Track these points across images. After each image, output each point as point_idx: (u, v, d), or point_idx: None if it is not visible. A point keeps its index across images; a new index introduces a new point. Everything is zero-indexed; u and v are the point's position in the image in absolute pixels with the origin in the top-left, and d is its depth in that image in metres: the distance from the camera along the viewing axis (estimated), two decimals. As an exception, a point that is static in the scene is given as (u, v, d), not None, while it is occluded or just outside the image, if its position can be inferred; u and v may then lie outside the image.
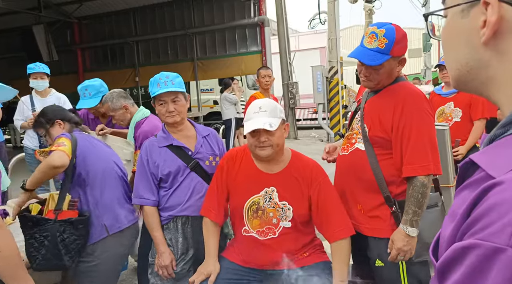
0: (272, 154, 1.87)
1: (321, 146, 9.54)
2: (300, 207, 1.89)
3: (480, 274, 0.45)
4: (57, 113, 2.31)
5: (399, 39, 1.76)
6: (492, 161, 0.51)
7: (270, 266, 1.93)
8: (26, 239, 1.99)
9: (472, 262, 0.45)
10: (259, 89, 4.56)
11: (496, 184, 0.47)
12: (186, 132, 2.21)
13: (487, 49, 0.56)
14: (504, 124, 0.54)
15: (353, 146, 1.90)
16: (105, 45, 12.21)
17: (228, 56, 10.83)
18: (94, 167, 2.16)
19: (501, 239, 0.44)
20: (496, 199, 0.46)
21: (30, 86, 4.11)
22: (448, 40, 0.62)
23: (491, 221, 0.45)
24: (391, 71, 1.81)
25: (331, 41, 9.79)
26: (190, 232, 2.15)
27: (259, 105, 1.86)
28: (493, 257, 0.44)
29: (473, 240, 0.46)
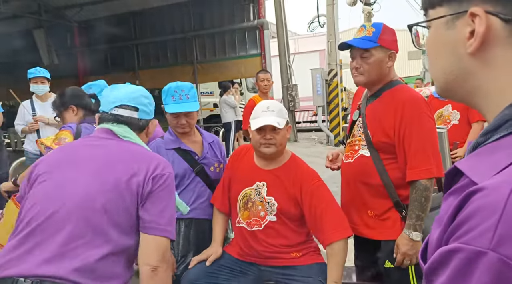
0: (276, 152, 1.96)
1: (320, 148, 9.55)
2: (285, 205, 1.95)
3: (464, 276, 0.46)
4: (74, 98, 2.29)
5: (386, 30, 1.83)
6: (475, 168, 0.53)
7: (260, 259, 1.98)
8: None
9: (456, 265, 0.47)
10: (258, 93, 4.58)
11: (478, 190, 0.48)
12: (193, 137, 2.26)
13: (473, 59, 0.57)
14: (485, 132, 0.56)
15: (358, 153, 1.92)
16: (105, 49, 12.25)
17: (227, 59, 10.85)
18: None
19: (483, 243, 0.45)
20: (478, 204, 0.47)
21: (31, 90, 4.13)
22: (433, 50, 0.63)
23: (473, 226, 0.47)
24: (380, 63, 1.82)
25: (331, 43, 9.83)
26: (192, 235, 2.17)
27: (267, 105, 1.97)
28: (475, 260, 0.45)
29: (457, 244, 0.48)
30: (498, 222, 0.45)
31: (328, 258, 1.88)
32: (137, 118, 1.48)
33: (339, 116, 9.95)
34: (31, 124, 4.06)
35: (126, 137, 1.44)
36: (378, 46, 1.80)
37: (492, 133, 0.55)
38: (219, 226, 2.14)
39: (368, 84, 1.90)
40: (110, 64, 12.41)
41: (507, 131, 0.53)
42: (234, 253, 2.07)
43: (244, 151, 2.14)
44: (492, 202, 0.46)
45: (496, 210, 0.46)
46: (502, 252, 0.44)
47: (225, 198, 2.13)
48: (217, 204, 2.15)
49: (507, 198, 0.45)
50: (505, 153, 0.51)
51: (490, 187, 0.48)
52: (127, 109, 1.47)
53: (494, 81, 0.57)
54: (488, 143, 0.55)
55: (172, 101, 2.12)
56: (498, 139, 0.54)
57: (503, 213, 0.45)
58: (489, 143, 0.55)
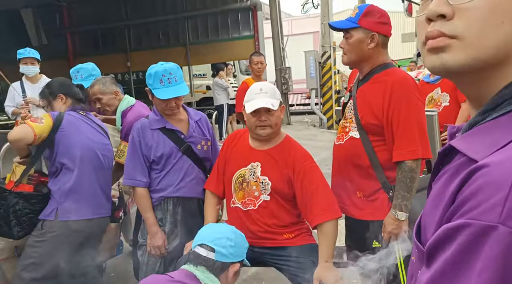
0: (271, 133, 1.98)
1: (313, 131, 9.59)
2: (279, 184, 1.98)
3: (472, 251, 0.47)
4: (62, 87, 2.32)
5: (370, 12, 1.84)
6: (473, 146, 0.52)
7: (254, 240, 2.01)
8: None
9: (463, 240, 0.47)
10: (251, 75, 4.56)
11: (482, 167, 0.48)
12: (179, 116, 2.24)
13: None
14: (483, 111, 0.55)
15: (348, 135, 1.95)
16: (95, 30, 12.02)
17: (220, 40, 10.74)
18: (73, 150, 2.17)
19: (492, 217, 0.45)
20: (484, 181, 0.47)
21: (20, 71, 4.06)
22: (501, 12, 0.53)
23: (480, 201, 0.47)
24: (360, 44, 1.85)
25: (324, 25, 9.74)
26: (180, 213, 2.19)
27: (260, 86, 1.99)
28: (484, 235, 0.46)
29: (463, 220, 0.47)
30: (507, 196, 0.45)
31: (319, 238, 1.92)
32: (213, 259, 1.52)
33: (332, 99, 9.95)
34: (22, 106, 4.01)
35: (205, 282, 1.48)
36: (358, 27, 1.83)
37: (490, 112, 0.54)
38: (211, 210, 2.14)
39: (351, 64, 1.97)
40: (101, 45, 12.21)
41: (506, 110, 0.52)
42: None
43: (239, 135, 2.15)
44: (499, 177, 0.46)
45: (503, 185, 0.46)
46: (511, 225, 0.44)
47: (220, 182, 2.13)
48: (212, 188, 2.15)
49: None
50: (504, 130, 0.51)
51: (494, 164, 0.48)
52: (205, 249, 1.54)
53: None
54: (486, 122, 0.54)
55: (161, 86, 2.09)
56: (496, 118, 0.53)
57: (511, 189, 0.45)
58: (487, 122, 0.54)
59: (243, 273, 2.99)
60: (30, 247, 2.14)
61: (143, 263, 2.24)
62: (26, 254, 2.15)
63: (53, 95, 2.30)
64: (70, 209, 2.14)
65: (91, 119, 2.37)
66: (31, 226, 2.12)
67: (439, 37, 0.55)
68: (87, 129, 2.30)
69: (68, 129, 2.17)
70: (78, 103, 2.33)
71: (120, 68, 11.96)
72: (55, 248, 2.12)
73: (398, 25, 20.67)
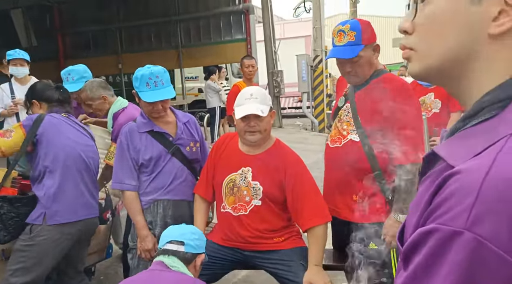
0: (260, 139, 1.98)
1: (305, 134, 9.63)
2: (270, 189, 1.98)
3: (440, 255, 0.49)
4: (36, 92, 2.31)
5: (365, 28, 1.88)
6: (453, 152, 0.54)
7: (244, 244, 2.02)
8: None
9: (433, 244, 0.49)
10: (243, 78, 4.57)
11: (455, 173, 0.50)
12: (166, 118, 2.24)
13: (492, 43, 0.55)
14: (464, 118, 0.57)
15: (346, 138, 1.95)
16: (86, 31, 11.93)
17: (212, 43, 10.74)
18: (55, 152, 2.15)
19: (459, 223, 0.47)
20: (455, 187, 0.49)
21: (10, 72, 4.02)
22: (440, 25, 0.58)
23: (450, 207, 0.49)
24: (370, 60, 1.90)
25: (316, 29, 9.81)
26: (170, 216, 2.18)
27: (250, 92, 1.97)
28: (451, 240, 0.48)
29: (434, 225, 0.50)
30: (474, 203, 0.47)
31: (309, 242, 1.93)
32: (183, 251, 1.72)
33: (324, 103, 10.00)
34: (11, 107, 3.97)
35: (174, 267, 1.67)
36: (364, 46, 1.86)
37: (471, 119, 0.56)
38: (201, 215, 2.13)
39: (363, 81, 1.96)
40: (93, 47, 12.11)
41: (485, 117, 0.54)
42: (217, 239, 2.09)
43: (229, 139, 2.15)
44: (468, 184, 0.48)
45: (471, 191, 0.47)
46: (476, 231, 0.46)
47: (209, 186, 2.12)
48: (201, 192, 2.14)
49: (483, 180, 0.47)
50: (483, 138, 0.52)
51: (466, 170, 0.49)
52: (175, 244, 1.73)
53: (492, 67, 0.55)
54: (467, 128, 0.56)
55: (147, 89, 2.09)
56: (476, 125, 0.54)
57: (478, 194, 0.47)
58: (468, 128, 0.56)
59: (233, 276, 2.99)
60: (19, 251, 2.11)
61: (133, 267, 2.23)
62: (14, 259, 2.12)
63: (29, 102, 2.32)
64: (57, 212, 2.12)
65: (73, 120, 2.36)
66: (18, 230, 2.10)
67: (404, 49, 0.63)
68: (69, 130, 2.27)
69: (49, 131, 2.16)
70: (56, 106, 2.30)
71: (112, 70, 11.87)
72: (44, 252, 2.10)
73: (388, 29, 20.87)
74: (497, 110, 0.53)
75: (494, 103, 0.54)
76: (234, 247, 2.05)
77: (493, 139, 0.50)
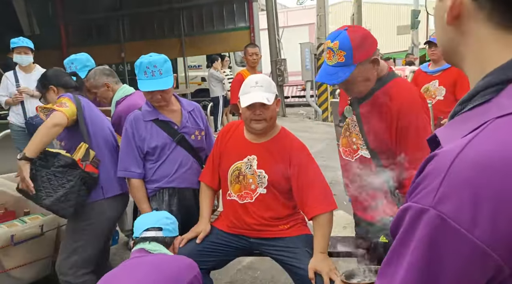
0: (266, 127, 1.97)
1: (309, 123, 9.61)
2: (275, 177, 1.98)
3: (412, 230, 0.54)
4: (53, 78, 2.31)
5: (357, 45, 1.62)
6: (447, 135, 0.58)
7: (250, 231, 2.03)
8: (45, 174, 2.01)
9: (407, 221, 0.55)
10: (246, 67, 4.54)
11: (435, 155, 0.55)
12: (171, 107, 2.24)
13: (453, 30, 0.63)
14: (461, 102, 0.61)
15: (357, 154, 1.89)
16: (89, 20, 11.87)
17: (215, 32, 10.67)
18: (98, 130, 2.23)
19: (426, 201, 0.52)
20: (431, 167, 0.54)
21: (14, 61, 4.02)
22: (434, 20, 0.69)
23: (424, 186, 0.54)
24: (365, 75, 1.69)
25: (320, 17, 9.71)
26: (176, 204, 2.20)
27: (255, 80, 1.95)
28: (419, 216, 0.53)
29: (409, 203, 0.55)
30: (441, 183, 0.51)
31: (314, 230, 1.94)
32: (163, 236, 1.79)
33: (328, 91, 9.95)
34: (15, 95, 3.98)
35: (155, 250, 1.74)
36: (357, 65, 1.63)
37: (467, 103, 0.59)
38: (207, 202, 2.15)
39: (363, 95, 1.80)
40: (95, 36, 12.06)
41: (479, 101, 0.57)
42: (223, 227, 2.10)
43: (234, 127, 2.14)
44: (440, 165, 0.53)
45: (440, 172, 0.52)
46: (440, 209, 0.51)
47: (215, 174, 2.13)
48: (206, 180, 2.15)
49: (451, 162, 0.51)
50: (473, 121, 0.55)
51: (443, 152, 0.54)
52: (153, 230, 1.78)
53: (470, 50, 0.62)
54: (463, 113, 0.59)
55: (144, 77, 2.09)
56: (471, 109, 0.58)
57: (445, 176, 0.51)
58: (464, 113, 0.59)
59: (238, 263, 3.03)
60: (78, 230, 2.18)
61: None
62: (73, 238, 2.19)
63: (45, 87, 2.30)
64: (112, 185, 2.23)
65: None
66: (82, 206, 2.12)
67: None
68: (96, 108, 2.36)
69: (87, 109, 2.21)
70: (72, 92, 2.30)
71: (114, 58, 11.84)
72: (101, 227, 2.21)
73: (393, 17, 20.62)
74: (492, 95, 0.56)
75: (487, 88, 0.57)
76: (239, 234, 2.07)
77: (479, 123, 0.54)
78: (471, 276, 0.51)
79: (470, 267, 0.51)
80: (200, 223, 2.12)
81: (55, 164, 2.03)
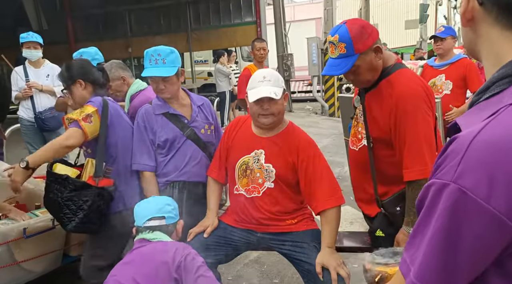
0: (274, 122, 1.98)
1: (315, 118, 9.58)
2: (283, 171, 1.99)
3: (435, 203, 0.63)
4: (81, 71, 2.17)
5: (356, 35, 1.68)
6: (466, 122, 0.66)
7: (257, 226, 2.04)
8: (61, 200, 2.00)
9: (430, 195, 0.64)
10: (253, 62, 4.54)
11: (456, 137, 0.62)
12: (181, 101, 2.27)
13: (469, 31, 0.73)
14: (478, 92, 0.68)
15: (361, 143, 1.92)
16: (96, 15, 11.90)
17: (222, 26, 10.64)
18: (122, 137, 2.17)
19: (448, 177, 0.61)
20: (453, 147, 0.62)
21: (23, 55, 4.05)
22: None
23: (446, 164, 0.62)
24: (370, 64, 1.73)
25: (327, 11, 9.64)
26: (186, 198, 2.22)
27: (263, 74, 1.95)
28: (441, 190, 0.61)
29: (432, 180, 0.64)
30: (460, 161, 0.60)
31: (322, 224, 1.95)
32: (166, 224, 1.80)
33: (334, 86, 9.90)
34: (25, 90, 4.01)
35: (155, 239, 1.75)
36: (359, 55, 1.70)
37: (483, 93, 0.67)
38: (215, 196, 2.17)
39: (370, 84, 1.83)
40: (102, 31, 12.09)
41: (495, 91, 0.65)
42: (230, 221, 2.12)
43: (241, 122, 2.15)
44: (459, 146, 0.61)
45: (460, 151, 0.60)
46: (460, 183, 0.59)
47: (222, 169, 2.15)
48: (214, 175, 2.17)
49: (469, 143, 0.59)
50: (490, 109, 0.63)
51: (463, 134, 0.61)
52: (156, 220, 1.78)
53: (487, 50, 0.70)
54: (481, 102, 0.67)
55: (149, 65, 2.13)
56: (488, 98, 0.66)
57: (464, 155, 0.59)
58: (481, 102, 0.67)
59: (245, 258, 3.05)
60: (99, 236, 2.15)
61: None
62: (94, 243, 2.19)
63: (72, 79, 2.14)
64: (132, 196, 2.16)
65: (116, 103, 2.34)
66: (105, 219, 2.10)
67: None
68: (124, 115, 2.28)
69: (114, 117, 2.14)
70: (99, 89, 2.21)
71: (121, 53, 11.86)
72: (120, 236, 2.14)
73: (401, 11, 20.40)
74: (505, 85, 0.64)
75: (502, 78, 0.64)
76: (247, 229, 2.08)
77: (494, 110, 0.61)
78: (488, 243, 0.58)
79: (487, 234, 0.58)
80: (208, 217, 2.14)
81: (68, 188, 2.00)
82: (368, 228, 2.07)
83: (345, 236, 2.26)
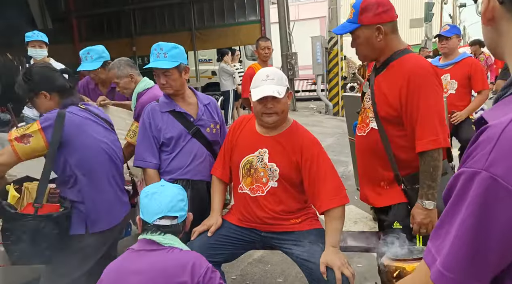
0: (278, 121, 1.97)
1: (319, 117, 9.56)
2: (286, 171, 1.98)
3: (465, 191, 0.63)
4: (44, 81, 1.92)
5: (365, 7, 1.78)
6: (493, 115, 0.67)
7: (261, 225, 2.03)
8: (1, 230, 1.77)
9: (460, 184, 0.64)
10: (258, 60, 4.54)
11: (486, 128, 0.64)
12: (188, 100, 2.28)
13: (490, 30, 0.74)
14: (504, 87, 0.71)
15: (369, 126, 1.92)
16: (101, 14, 11.94)
17: (226, 25, 10.63)
18: (83, 155, 1.90)
19: (479, 165, 0.61)
20: (484, 137, 0.63)
21: (28, 54, 4.06)
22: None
23: (476, 153, 0.63)
24: (367, 40, 1.82)
25: (332, 10, 9.62)
26: (189, 196, 2.21)
27: (266, 73, 1.96)
28: (472, 178, 0.62)
29: (462, 168, 0.65)
30: (492, 150, 0.60)
31: (326, 224, 1.94)
32: (178, 223, 1.62)
33: (339, 85, 9.88)
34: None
35: (167, 244, 1.58)
36: (360, 26, 1.80)
37: (509, 88, 0.69)
38: (219, 195, 2.16)
39: (368, 60, 1.94)
40: (107, 30, 12.13)
41: None
42: (234, 220, 2.11)
43: (246, 121, 2.15)
44: (491, 135, 0.62)
45: (491, 141, 0.61)
46: (492, 171, 0.60)
47: (226, 168, 2.15)
48: (218, 174, 2.17)
49: (502, 131, 0.60)
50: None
51: (494, 124, 0.63)
52: (168, 219, 1.60)
53: (510, 48, 0.71)
54: (506, 96, 0.69)
55: (152, 59, 2.17)
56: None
57: (496, 143, 0.60)
58: (507, 96, 0.69)
59: (249, 257, 3.05)
60: (60, 260, 1.87)
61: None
62: (54, 264, 1.90)
63: (35, 91, 1.90)
64: (99, 220, 1.93)
65: (92, 112, 2.04)
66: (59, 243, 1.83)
67: None
68: (92, 127, 1.98)
69: (72, 133, 1.87)
70: (67, 95, 1.97)
71: (126, 52, 11.84)
72: (84, 259, 1.93)
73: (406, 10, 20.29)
74: None
75: None
76: (251, 228, 2.07)
77: None
78: None
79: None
80: (212, 216, 2.13)
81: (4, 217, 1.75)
82: (378, 224, 2.06)
83: (349, 235, 2.25)
